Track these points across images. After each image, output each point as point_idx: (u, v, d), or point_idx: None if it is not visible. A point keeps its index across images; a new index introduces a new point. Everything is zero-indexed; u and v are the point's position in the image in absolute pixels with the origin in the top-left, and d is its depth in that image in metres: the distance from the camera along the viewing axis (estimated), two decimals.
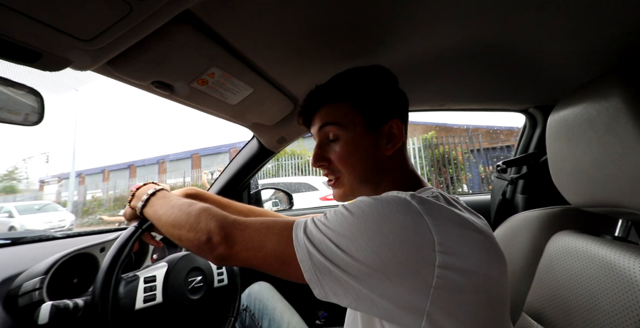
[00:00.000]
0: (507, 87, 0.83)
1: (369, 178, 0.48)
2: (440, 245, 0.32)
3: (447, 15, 0.50)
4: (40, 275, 0.56)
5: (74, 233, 0.85)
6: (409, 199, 0.35)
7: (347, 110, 0.47)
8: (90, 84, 17.33)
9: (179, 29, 0.46)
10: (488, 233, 0.37)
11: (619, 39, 0.54)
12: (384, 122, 0.47)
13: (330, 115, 0.48)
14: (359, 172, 0.47)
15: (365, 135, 0.47)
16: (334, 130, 0.48)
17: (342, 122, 0.47)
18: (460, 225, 0.35)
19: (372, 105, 0.48)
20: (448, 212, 0.35)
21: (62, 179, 14.93)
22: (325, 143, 0.50)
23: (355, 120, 0.47)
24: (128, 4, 0.35)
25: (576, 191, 0.49)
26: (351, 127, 0.47)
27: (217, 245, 0.39)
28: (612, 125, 0.40)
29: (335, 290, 0.33)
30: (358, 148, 0.47)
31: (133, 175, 13.62)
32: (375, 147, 0.47)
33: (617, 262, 0.41)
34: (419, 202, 0.34)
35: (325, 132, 0.49)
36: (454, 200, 0.40)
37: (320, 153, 0.49)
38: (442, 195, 0.41)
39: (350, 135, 0.47)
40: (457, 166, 6.12)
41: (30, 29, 0.35)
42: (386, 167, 0.48)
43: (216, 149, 12.26)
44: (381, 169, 0.48)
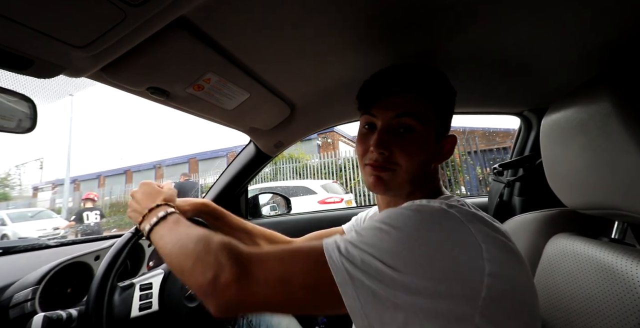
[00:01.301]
0: (501, 91, 0.83)
1: (416, 180, 0.47)
2: (487, 253, 0.31)
3: (442, 17, 0.51)
4: (33, 285, 0.55)
5: (68, 241, 0.84)
6: (446, 208, 0.34)
7: (429, 110, 0.45)
8: (85, 89, 17.25)
9: (174, 34, 0.46)
10: (512, 240, 0.37)
11: (610, 43, 0.55)
12: (445, 135, 0.48)
13: (415, 106, 0.45)
14: (414, 171, 0.46)
15: (431, 142, 0.46)
16: (414, 123, 0.44)
17: (423, 119, 0.45)
18: (495, 231, 0.34)
19: (446, 114, 0.48)
20: (483, 219, 0.35)
21: (57, 185, 14.75)
22: (393, 131, 0.45)
23: (431, 122, 0.46)
24: (122, 11, 0.35)
25: (571, 194, 0.49)
26: (427, 128, 0.45)
27: (226, 285, 0.32)
28: (603, 128, 0.40)
29: (381, 317, 0.30)
30: (425, 149, 0.46)
31: (129, 181, 13.50)
32: (432, 153, 0.47)
33: (615, 264, 0.41)
34: (458, 211, 0.34)
35: (400, 120, 0.45)
36: (474, 207, 0.40)
37: (387, 139, 0.45)
38: (465, 202, 0.42)
39: (425, 132, 0.45)
40: (454, 168, 6.15)
41: (21, 36, 0.35)
42: (429, 176, 0.48)
43: (213, 154, 12.22)
44: (426, 177, 0.48)
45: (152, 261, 0.86)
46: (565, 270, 0.48)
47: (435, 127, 0.46)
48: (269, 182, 7.71)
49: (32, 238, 5.66)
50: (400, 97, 0.45)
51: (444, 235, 0.32)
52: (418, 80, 0.46)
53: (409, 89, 0.45)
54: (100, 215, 4.74)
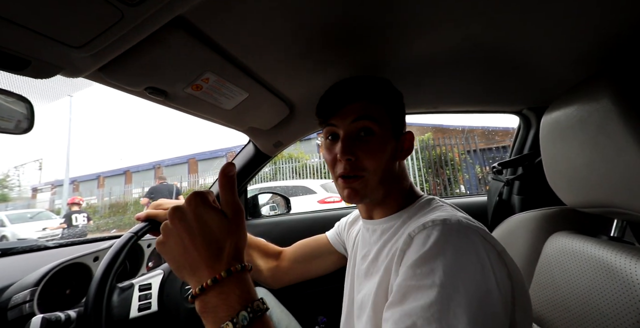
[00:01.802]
0: (500, 89, 0.83)
1: (385, 181, 0.49)
2: (507, 267, 0.36)
3: (440, 18, 0.51)
4: (31, 286, 0.55)
5: (66, 242, 0.84)
6: (466, 223, 0.38)
7: (382, 112, 0.49)
8: (84, 90, 17.25)
9: (172, 34, 0.46)
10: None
11: (609, 40, 0.55)
12: (402, 133, 0.52)
13: (368, 110, 0.48)
14: (381, 172, 0.48)
15: (390, 141, 0.50)
16: (371, 125, 0.48)
17: (380, 121, 0.48)
18: (483, 228, 0.40)
19: (398, 114, 0.52)
20: (485, 230, 0.39)
21: (56, 186, 14.72)
22: (355, 137, 0.48)
23: (386, 123, 0.49)
24: (119, 10, 0.34)
25: (571, 192, 0.49)
26: (384, 128, 0.49)
27: None
28: (603, 126, 0.40)
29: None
30: (386, 149, 0.49)
31: (129, 181, 13.48)
32: (394, 152, 0.50)
33: (614, 262, 0.41)
34: (475, 228, 0.38)
35: (359, 125, 0.48)
36: (453, 206, 0.48)
37: (351, 145, 0.47)
38: (447, 202, 0.49)
39: (383, 134, 0.48)
40: (454, 167, 6.16)
41: (18, 36, 0.34)
42: (396, 174, 0.51)
43: (213, 154, 12.21)
44: (393, 175, 0.51)
45: (152, 261, 0.86)
46: (564, 268, 0.48)
47: (390, 127, 0.50)
48: (268, 181, 7.71)
49: (31, 239, 5.63)
50: (355, 104, 0.49)
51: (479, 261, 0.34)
52: (368, 88, 0.51)
53: (362, 96, 0.50)
54: (87, 217, 5.01)
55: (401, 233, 0.44)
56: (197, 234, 0.31)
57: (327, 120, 0.51)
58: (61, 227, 5.20)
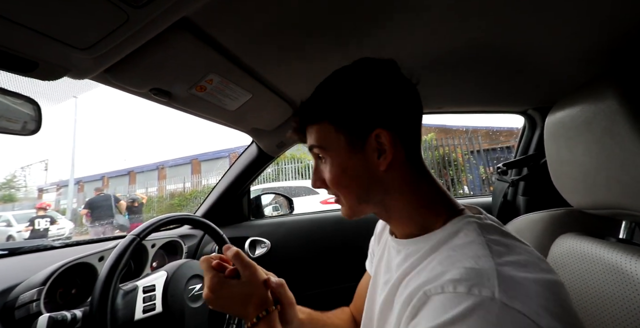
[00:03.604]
0: (505, 89, 0.83)
1: (369, 198, 0.42)
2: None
3: (446, 18, 0.51)
4: (38, 286, 0.55)
5: (72, 242, 0.84)
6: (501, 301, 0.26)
7: (327, 129, 0.41)
8: (89, 91, 17.43)
9: (176, 36, 0.47)
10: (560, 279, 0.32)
11: (615, 40, 0.55)
12: (368, 135, 0.40)
13: (313, 137, 0.43)
14: (354, 193, 0.42)
15: (352, 155, 0.41)
16: (320, 152, 0.43)
17: (324, 145, 0.42)
18: (555, 292, 0.28)
19: (353, 119, 0.41)
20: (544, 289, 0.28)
21: (61, 187, 14.88)
22: (319, 164, 0.45)
23: (337, 139, 0.41)
24: (125, 13, 0.35)
25: (577, 193, 0.49)
26: (334, 148, 0.41)
27: None
28: (609, 127, 0.40)
29: None
30: (345, 170, 0.41)
31: (132, 182, 13.59)
32: (365, 165, 0.40)
33: (623, 264, 0.40)
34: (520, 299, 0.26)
35: (314, 153, 0.45)
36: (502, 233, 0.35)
37: (317, 175, 0.45)
38: (495, 226, 0.36)
39: (334, 157, 0.41)
40: (457, 168, 6.13)
41: (26, 39, 0.35)
42: (387, 184, 0.41)
43: (216, 154, 12.27)
44: (382, 188, 0.41)
45: (156, 262, 0.86)
46: (572, 270, 0.48)
47: (343, 140, 0.40)
48: (271, 182, 7.73)
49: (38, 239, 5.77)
50: (307, 130, 0.45)
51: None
52: (308, 107, 0.44)
53: (307, 120, 0.44)
54: (49, 221, 5.53)
55: (424, 269, 0.35)
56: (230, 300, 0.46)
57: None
58: (27, 230, 5.61)
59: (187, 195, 9.60)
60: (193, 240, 1.01)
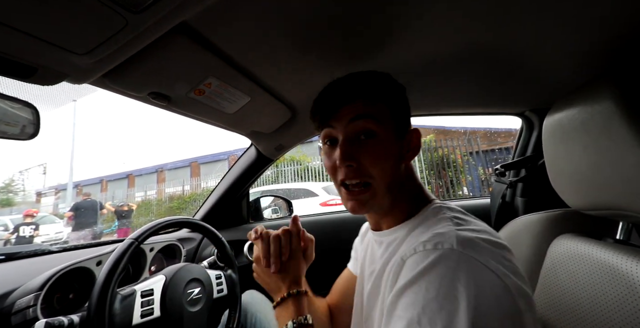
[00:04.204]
0: (502, 91, 0.83)
1: (393, 187, 0.44)
2: (515, 289, 0.32)
3: (442, 20, 0.51)
4: (35, 291, 0.55)
5: (70, 246, 0.84)
6: (458, 249, 0.33)
7: (383, 110, 0.44)
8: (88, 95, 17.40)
9: (175, 40, 0.47)
10: (508, 246, 0.37)
11: (611, 41, 0.55)
12: (407, 131, 0.47)
13: (368, 109, 0.43)
14: (389, 177, 0.43)
15: (394, 141, 0.44)
16: (371, 125, 0.42)
17: (380, 119, 0.43)
18: (503, 250, 0.35)
19: (402, 112, 0.47)
20: (489, 241, 0.35)
21: (60, 190, 14.82)
22: (355, 140, 0.43)
23: (389, 122, 0.44)
24: (123, 18, 0.35)
25: (575, 194, 0.49)
26: (385, 128, 0.43)
27: None
28: (606, 128, 0.40)
29: None
30: (391, 152, 0.43)
31: (131, 185, 13.54)
32: (400, 154, 0.45)
33: (619, 266, 0.40)
34: (472, 248, 0.33)
35: (358, 126, 0.43)
36: (463, 213, 0.43)
37: (351, 150, 0.42)
38: (457, 209, 0.43)
39: (386, 136, 0.43)
40: (456, 169, 6.14)
41: (25, 44, 0.35)
42: (404, 177, 0.46)
43: (215, 157, 12.25)
44: (401, 179, 0.45)
45: (154, 265, 0.86)
46: (569, 271, 0.48)
47: (394, 126, 0.44)
48: (270, 184, 7.71)
49: (35, 244, 5.74)
50: (353, 105, 0.44)
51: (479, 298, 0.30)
52: (366, 85, 0.46)
53: (360, 95, 0.44)
54: (34, 228, 5.52)
55: (403, 248, 0.40)
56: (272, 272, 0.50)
57: (324, 123, 0.46)
58: (8, 236, 5.65)
59: (186, 198, 9.56)
60: (192, 244, 1.01)
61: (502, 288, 0.31)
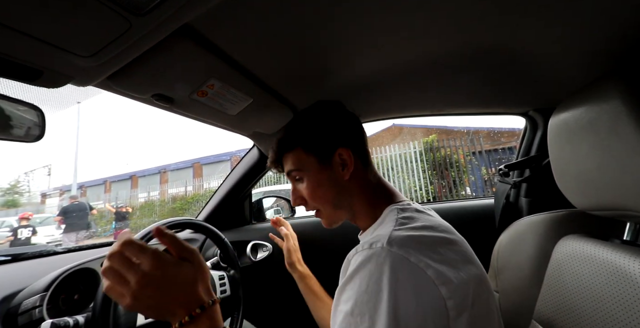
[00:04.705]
0: (505, 91, 0.83)
1: (341, 204, 0.54)
2: (437, 279, 0.36)
3: (445, 19, 0.51)
4: (40, 292, 0.55)
5: (75, 247, 0.85)
6: (387, 247, 0.38)
7: (301, 154, 0.54)
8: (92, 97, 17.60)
9: (178, 42, 0.47)
10: (454, 238, 0.44)
11: (617, 40, 0.55)
12: (333, 154, 0.53)
13: (289, 163, 0.56)
14: (330, 201, 0.54)
15: (323, 171, 0.53)
16: (297, 174, 0.55)
17: (300, 167, 0.54)
18: (437, 244, 0.40)
19: (319, 143, 0.54)
20: (423, 240, 0.40)
21: (64, 192, 14.95)
22: (296, 184, 0.57)
23: (309, 161, 0.54)
24: (127, 21, 0.35)
25: (581, 195, 0.48)
26: (308, 168, 0.54)
27: None
28: (613, 127, 0.39)
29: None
30: (321, 183, 0.53)
31: (135, 186, 13.63)
32: (333, 177, 0.53)
33: (627, 267, 0.40)
34: (399, 245, 0.38)
35: (292, 176, 0.57)
36: (424, 210, 0.49)
37: (296, 194, 0.56)
38: (413, 208, 0.48)
39: (310, 175, 0.54)
40: (459, 169, 6.10)
41: (30, 47, 0.35)
42: (351, 189, 0.53)
43: (217, 158, 12.30)
44: (348, 193, 0.53)
45: None
46: (575, 272, 0.47)
47: (315, 160, 0.53)
48: (273, 185, 7.72)
49: (41, 244, 5.82)
50: (284, 160, 0.57)
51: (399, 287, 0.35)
52: (283, 140, 0.57)
53: (282, 151, 0.57)
54: (32, 231, 5.67)
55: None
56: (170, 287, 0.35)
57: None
58: (8, 240, 5.77)
59: (189, 199, 9.61)
60: (195, 245, 1.01)
61: (423, 279, 0.36)
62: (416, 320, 0.34)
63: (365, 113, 0.95)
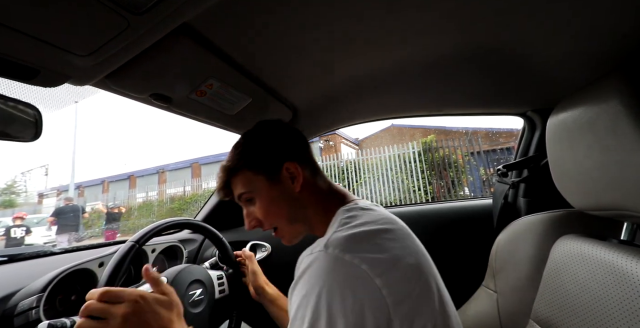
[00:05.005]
0: (504, 91, 0.83)
1: (297, 217, 0.54)
2: (372, 271, 0.38)
3: (444, 20, 0.51)
4: (37, 293, 0.55)
5: (72, 247, 0.84)
6: (324, 250, 0.40)
7: (248, 175, 0.54)
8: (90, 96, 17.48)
9: (177, 41, 0.47)
10: (392, 227, 0.46)
11: (616, 41, 0.55)
12: (280, 169, 0.53)
13: (238, 186, 0.55)
14: (285, 217, 0.54)
15: (273, 188, 0.53)
16: (247, 196, 0.55)
17: (250, 188, 0.54)
18: (374, 236, 0.43)
19: (265, 161, 0.54)
20: (360, 235, 0.42)
21: (62, 192, 14.86)
22: (248, 207, 0.56)
23: (258, 180, 0.54)
24: (125, 19, 0.35)
25: (579, 195, 0.49)
26: (258, 187, 0.54)
27: None
28: (612, 128, 0.40)
29: None
30: (273, 200, 0.53)
31: (133, 186, 13.57)
32: (285, 192, 0.53)
33: (624, 266, 0.40)
34: (334, 246, 0.40)
35: (243, 199, 0.56)
36: (368, 207, 0.50)
37: (250, 217, 0.56)
38: (359, 207, 0.50)
39: (262, 194, 0.54)
40: (457, 169, 6.12)
41: (27, 46, 0.35)
42: (304, 201, 0.54)
43: (216, 158, 12.26)
44: (301, 205, 0.54)
45: (156, 267, 0.86)
46: (573, 272, 0.47)
47: (264, 177, 0.53)
48: None
49: (38, 245, 5.77)
50: (232, 184, 0.56)
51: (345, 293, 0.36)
52: (227, 166, 0.56)
53: (229, 176, 0.56)
54: (25, 231, 5.73)
55: None
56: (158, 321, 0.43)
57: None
58: (2, 239, 5.82)
59: (188, 199, 9.58)
60: (193, 245, 1.01)
61: (358, 274, 0.37)
62: (353, 314, 0.35)
63: (364, 113, 0.95)
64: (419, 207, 1.13)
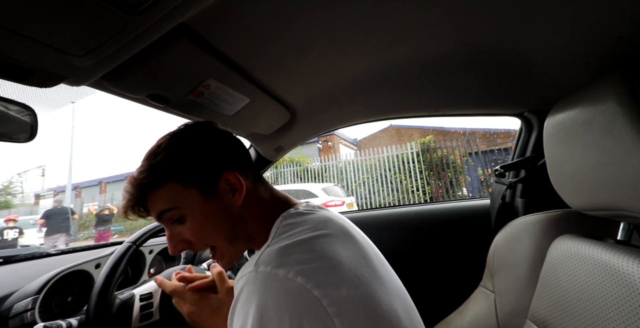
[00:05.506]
0: (501, 92, 0.83)
1: (236, 235, 0.45)
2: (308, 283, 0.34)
3: (441, 20, 0.51)
4: (33, 295, 0.54)
5: (68, 249, 0.83)
6: (254, 270, 0.36)
7: (176, 189, 0.43)
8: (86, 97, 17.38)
9: (174, 42, 0.47)
10: (329, 232, 0.41)
11: (613, 42, 0.55)
12: (218, 181, 0.44)
13: (160, 202, 0.43)
14: (222, 235, 0.45)
15: (208, 203, 0.44)
16: (174, 214, 0.44)
17: (176, 204, 0.43)
18: (310, 243, 0.39)
19: (199, 172, 0.44)
20: (295, 245, 0.38)
21: (58, 192, 14.76)
22: (172, 227, 0.45)
23: (189, 195, 0.43)
24: (121, 19, 0.35)
25: (576, 195, 0.49)
26: (189, 203, 0.43)
27: None
28: (609, 128, 0.40)
29: None
30: (208, 217, 0.43)
31: None
32: (223, 206, 0.44)
33: (621, 266, 0.40)
34: (265, 264, 0.36)
35: (166, 218, 0.44)
36: (309, 210, 0.46)
37: (178, 238, 0.45)
38: (298, 212, 0.45)
39: (193, 210, 0.43)
40: (455, 169, 6.15)
41: (21, 46, 0.35)
42: (245, 215, 0.46)
43: None
44: (242, 220, 0.46)
45: (153, 268, 0.86)
46: (570, 272, 0.48)
47: (196, 191, 0.43)
48: None
49: (34, 246, 5.74)
50: (149, 200, 0.44)
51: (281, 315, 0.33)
52: (144, 176, 0.43)
53: (146, 190, 0.43)
54: (19, 232, 5.80)
55: None
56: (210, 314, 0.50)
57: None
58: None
59: None
60: None
61: (294, 288, 0.34)
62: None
63: (363, 113, 0.95)
64: (417, 208, 1.13)
